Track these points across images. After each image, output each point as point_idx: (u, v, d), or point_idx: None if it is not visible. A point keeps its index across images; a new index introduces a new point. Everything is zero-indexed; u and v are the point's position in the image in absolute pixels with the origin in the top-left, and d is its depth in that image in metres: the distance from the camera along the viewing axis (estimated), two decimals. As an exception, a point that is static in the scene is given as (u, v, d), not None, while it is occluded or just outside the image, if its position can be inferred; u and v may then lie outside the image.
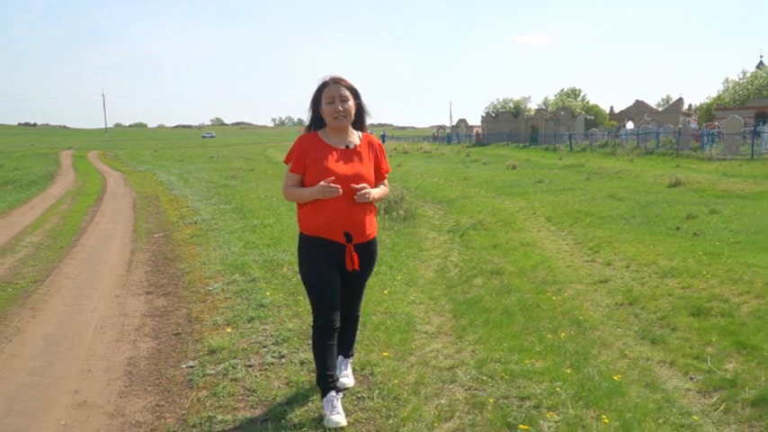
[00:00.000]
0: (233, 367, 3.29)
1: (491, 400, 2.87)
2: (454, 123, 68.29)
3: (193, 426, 2.70)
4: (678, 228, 7.76)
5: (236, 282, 5.12)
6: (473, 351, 3.58)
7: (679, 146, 24.39)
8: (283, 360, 3.39)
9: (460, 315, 4.37)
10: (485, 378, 3.15)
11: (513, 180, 16.13)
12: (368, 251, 2.80)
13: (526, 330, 4.07)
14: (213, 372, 3.28)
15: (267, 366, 3.31)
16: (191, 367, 3.38)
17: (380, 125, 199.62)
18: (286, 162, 2.80)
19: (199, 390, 3.08)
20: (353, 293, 2.91)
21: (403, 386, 3.01)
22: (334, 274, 2.72)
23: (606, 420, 2.66)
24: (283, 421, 2.69)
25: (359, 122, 2.84)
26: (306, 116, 2.82)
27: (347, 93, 2.71)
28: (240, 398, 2.95)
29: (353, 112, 2.75)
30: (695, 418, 2.81)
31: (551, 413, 2.75)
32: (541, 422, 2.64)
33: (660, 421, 2.71)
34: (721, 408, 2.97)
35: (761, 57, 44.91)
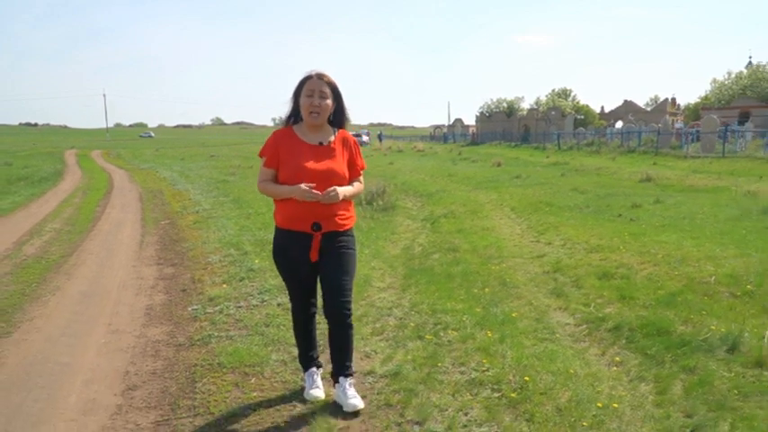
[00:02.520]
0: (227, 308, 4.38)
1: (412, 324, 3.96)
2: (451, 123, 69.40)
3: (198, 340, 3.78)
4: (620, 215, 8.84)
5: (231, 255, 6.20)
6: (410, 298, 4.66)
7: (659, 144, 25.50)
8: (264, 303, 4.48)
9: (410, 277, 5.45)
10: (413, 313, 4.23)
11: (494, 176, 17.19)
12: (340, 240, 2.82)
13: (459, 287, 5.13)
14: (212, 311, 4.36)
15: (252, 307, 4.40)
16: (195, 309, 4.46)
17: (380, 125, 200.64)
18: (260, 156, 2.86)
19: (201, 321, 4.17)
20: (331, 288, 2.82)
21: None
22: (304, 263, 2.81)
23: (489, 334, 3.74)
24: (262, 336, 3.77)
25: (337, 120, 2.88)
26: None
27: (327, 90, 2.76)
28: (231, 324, 4.04)
29: (329, 111, 2.80)
30: (558, 335, 3.89)
31: (453, 331, 3.83)
32: (443, 335, 3.74)
33: (529, 336, 3.79)
34: (584, 332, 4.06)
35: (750, 57, 46.09)
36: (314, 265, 2.83)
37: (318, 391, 2.89)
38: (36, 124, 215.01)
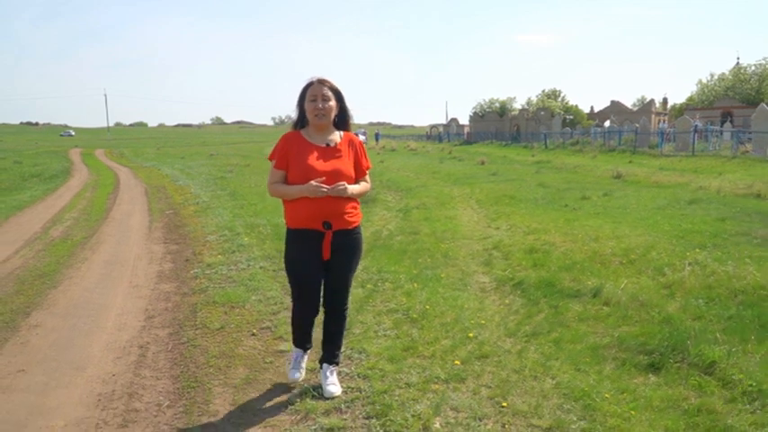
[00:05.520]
0: (221, 270, 5.65)
1: (360, 279, 5.22)
2: (446, 122, 70.72)
3: (198, 290, 5.06)
4: (566, 205, 10.11)
5: (226, 235, 7.48)
6: (364, 264, 5.90)
7: (638, 143, 26.78)
8: (250, 267, 5.76)
9: (370, 251, 6.70)
10: (362, 273, 5.49)
11: (473, 173, 18.47)
12: (350, 238, 2.96)
13: (409, 259, 6.39)
14: (209, 272, 5.64)
15: (241, 269, 5.68)
16: (196, 272, 5.74)
17: (379, 124, 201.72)
18: (270, 159, 2.98)
19: (201, 279, 5.45)
20: (337, 284, 2.99)
21: (315, 275, 5.37)
22: (316, 263, 2.91)
23: (415, 285, 5.02)
24: (246, 286, 5.04)
25: (342, 123, 3.02)
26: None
27: (330, 93, 2.92)
28: (224, 280, 5.32)
29: (334, 112, 2.94)
30: (469, 288, 5.16)
31: (389, 283, 5.11)
32: (380, 285, 5.02)
33: (447, 287, 5.06)
34: (492, 287, 5.32)
35: (737, 59, 47.32)
36: (325, 263, 2.94)
37: (298, 375, 3.14)
38: (37, 123, 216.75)
